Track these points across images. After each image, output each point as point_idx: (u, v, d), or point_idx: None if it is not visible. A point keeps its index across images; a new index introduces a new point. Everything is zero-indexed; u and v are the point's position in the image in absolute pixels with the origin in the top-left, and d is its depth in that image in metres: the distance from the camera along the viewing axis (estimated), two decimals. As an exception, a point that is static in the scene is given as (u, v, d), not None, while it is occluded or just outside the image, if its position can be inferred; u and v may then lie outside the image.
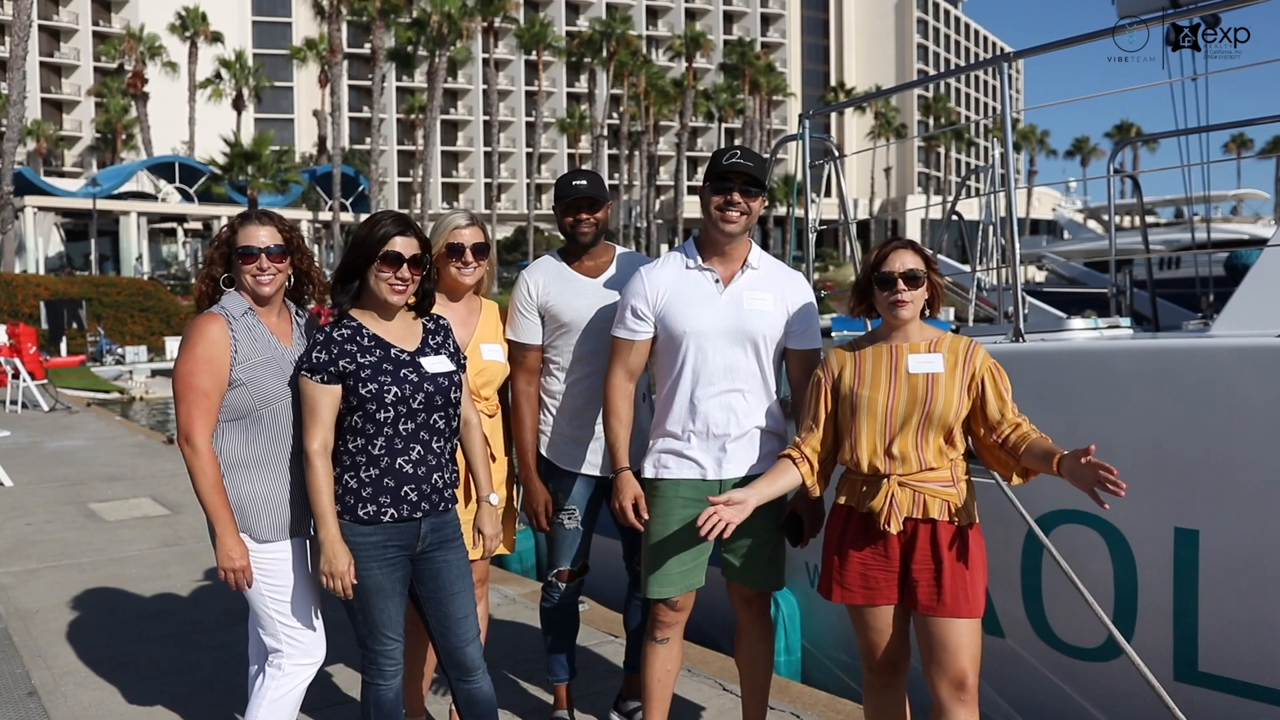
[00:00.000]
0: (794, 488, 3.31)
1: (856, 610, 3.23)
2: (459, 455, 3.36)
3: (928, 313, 3.22)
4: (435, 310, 3.32)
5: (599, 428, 3.76)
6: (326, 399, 3.05)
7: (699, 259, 3.48)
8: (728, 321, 3.40)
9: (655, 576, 3.50)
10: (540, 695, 4.48)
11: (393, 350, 3.11)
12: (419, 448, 3.11)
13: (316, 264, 3.46)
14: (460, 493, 3.48)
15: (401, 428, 3.08)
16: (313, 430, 3.05)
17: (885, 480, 3.10)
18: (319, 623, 3.33)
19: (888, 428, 3.10)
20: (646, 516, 3.50)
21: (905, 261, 3.12)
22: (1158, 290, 5.74)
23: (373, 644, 3.18)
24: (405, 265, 3.08)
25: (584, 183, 3.77)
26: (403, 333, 3.18)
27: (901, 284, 3.10)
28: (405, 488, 3.08)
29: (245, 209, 3.46)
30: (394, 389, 3.05)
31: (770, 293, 3.46)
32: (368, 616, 3.15)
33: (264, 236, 3.19)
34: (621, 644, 4.62)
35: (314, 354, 3.07)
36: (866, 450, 3.12)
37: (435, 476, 3.14)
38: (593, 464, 3.84)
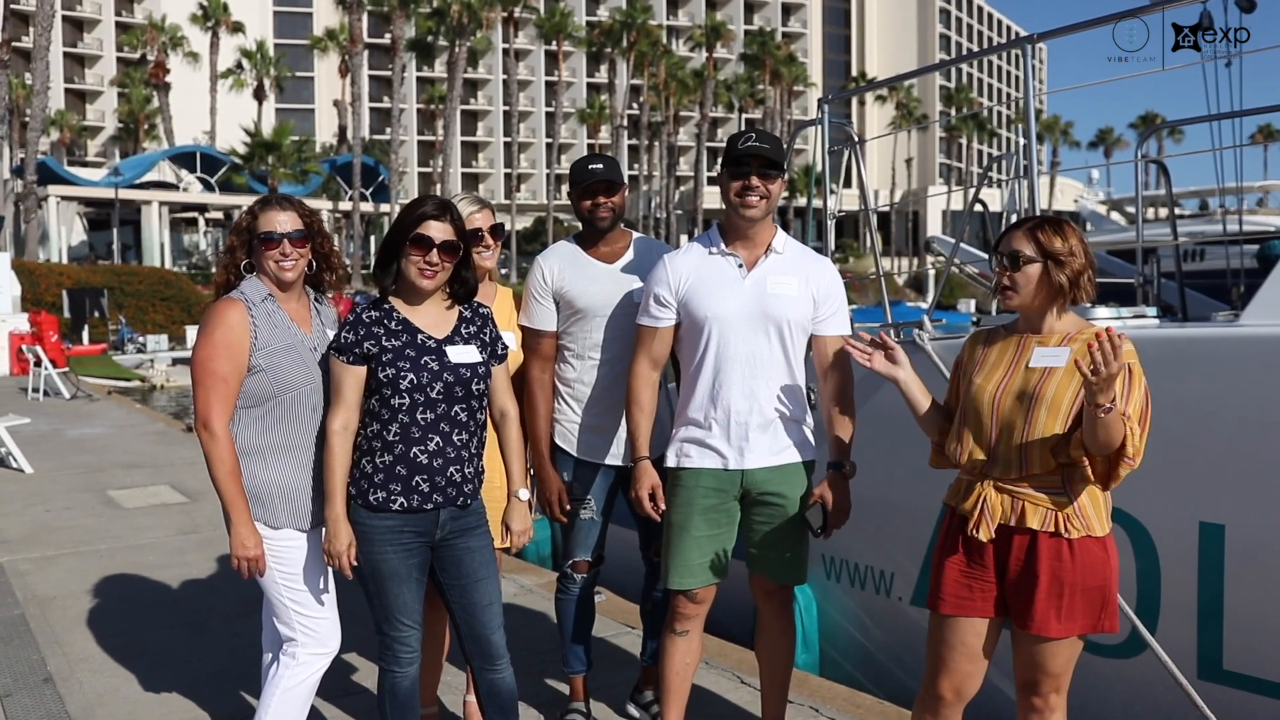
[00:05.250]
0: (934, 412, 3.12)
1: (938, 620, 2.96)
2: (490, 449, 3.31)
3: (1032, 302, 2.88)
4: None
5: (613, 416, 3.73)
6: (350, 379, 3.06)
7: (722, 245, 3.43)
8: (750, 306, 3.34)
9: (675, 567, 3.45)
10: (556, 686, 4.45)
11: (419, 336, 3.08)
12: (437, 439, 3.07)
13: (338, 248, 3.43)
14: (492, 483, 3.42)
15: (419, 416, 3.04)
16: (336, 409, 3.07)
17: (981, 483, 2.88)
18: (334, 612, 3.31)
19: (994, 423, 2.86)
20: (664, 507, 3.47)
21: (1016, 242, 2.84)
22: (1186, 282, 5.64)
23: (389, 629, 3.16)
24: (435, 250, 3.03)
25: (600, 166, 3.72)
26: (434, 319, 3.14)
27: (1006, 263, 2.85)
28: (417, 477, 3.05)
29: (266, 195, 3.43)
30: (410, 375, 3.02)
31: (794, 277, 3.39)
32: (383, 601, 3.13)
33: (285, 221, 3.17)
34: (638, 635, 4.59)
35: (343, 333, 3.08)
36: (968, 445, 2.91)
37: (452, 469, 3.09)
38: (608, 453, 3.79)
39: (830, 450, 3.42)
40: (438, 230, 3.04)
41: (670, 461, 3.49)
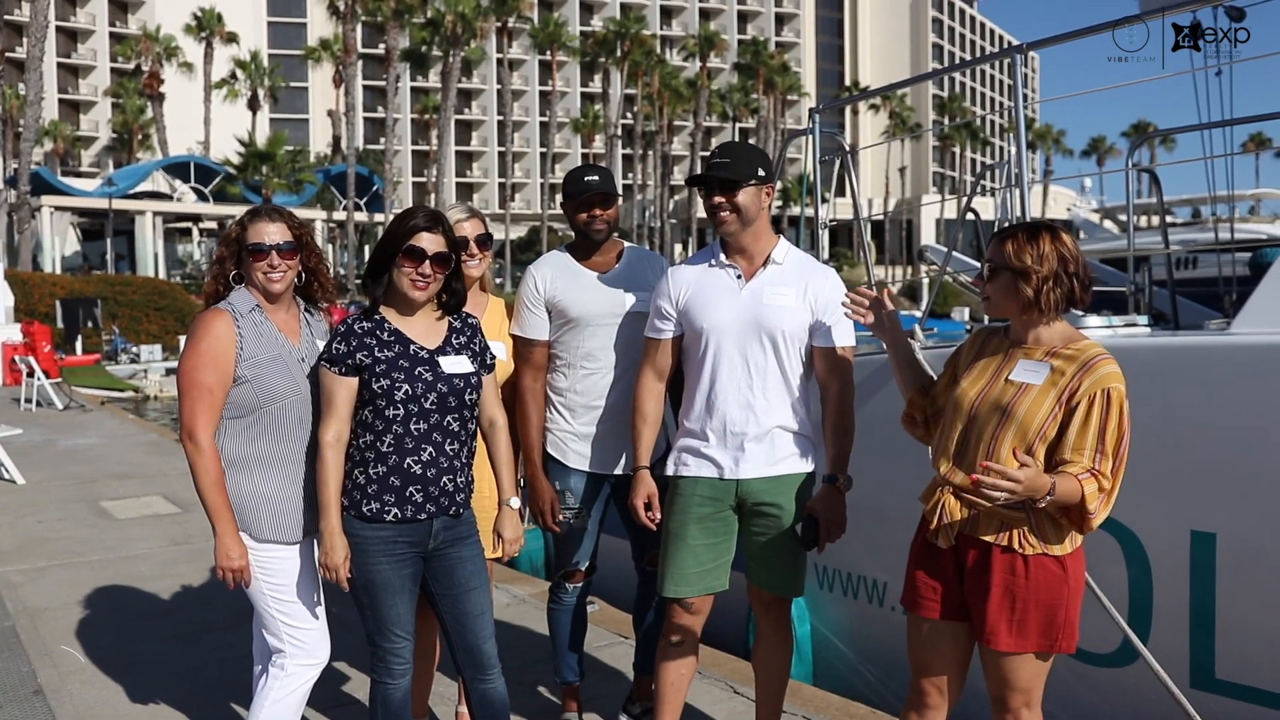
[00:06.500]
0: (913, 374, 3.17)
1: (914, 621, 3.01)
2: (479, 459, 3.32)
3: (1006, 312, 2.86)
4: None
5: (605, 425, 3.74)
6: (342, 390, 3.04)
7: (722, 256, 3.45)
8: (745, 316, 3.35)
9: (671, 575, 3.45)
10: (548, 697, 4.44)
11: (411, 347, 3.07)
12: (430, 449, 3.06)
13: (327, 263, 3.43)
14: (481, 492, 3.44)
15: (413, 427, 3.04)
16: (328, 421, 3.05)
17: (943, 489, 2.88)
18: (323, 623, 3.30)
19: (965, 431, 2.85)
20: (658, 516, 3.47)
21: (989, 252, 2.85)
22: (1178, 290, 5.65)
23: (382, 641, 3.15)
24: (428, 261, 3.03)
25: (596, 178, 3.72)
26: (426, 330, 3.13)
27: (983, 273, 2.88)
28: (411, 488, 3.04)
29: (256, 206, 3.44)
30: (405, 386, 3.01)
31: (793, 288, 3.39)
32: (376, 613, 3.12)
33: (274, 233, 3.17)
34: (630, 645, 4.58)
35: (334, 344, 3.06)
36: (939, 449, 2.93)
37: (445, 479, 3.09)
38: (600, 462, 3.79)
39: (826, 463, 3.42)
40: (430, 242, 3.04)
41: (669, 470, 3.52)
